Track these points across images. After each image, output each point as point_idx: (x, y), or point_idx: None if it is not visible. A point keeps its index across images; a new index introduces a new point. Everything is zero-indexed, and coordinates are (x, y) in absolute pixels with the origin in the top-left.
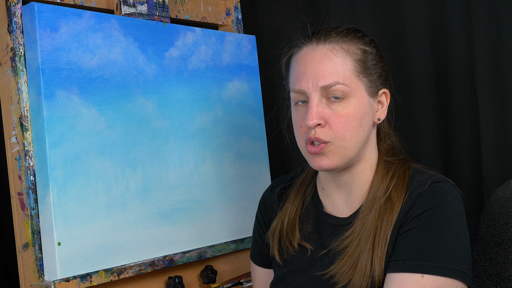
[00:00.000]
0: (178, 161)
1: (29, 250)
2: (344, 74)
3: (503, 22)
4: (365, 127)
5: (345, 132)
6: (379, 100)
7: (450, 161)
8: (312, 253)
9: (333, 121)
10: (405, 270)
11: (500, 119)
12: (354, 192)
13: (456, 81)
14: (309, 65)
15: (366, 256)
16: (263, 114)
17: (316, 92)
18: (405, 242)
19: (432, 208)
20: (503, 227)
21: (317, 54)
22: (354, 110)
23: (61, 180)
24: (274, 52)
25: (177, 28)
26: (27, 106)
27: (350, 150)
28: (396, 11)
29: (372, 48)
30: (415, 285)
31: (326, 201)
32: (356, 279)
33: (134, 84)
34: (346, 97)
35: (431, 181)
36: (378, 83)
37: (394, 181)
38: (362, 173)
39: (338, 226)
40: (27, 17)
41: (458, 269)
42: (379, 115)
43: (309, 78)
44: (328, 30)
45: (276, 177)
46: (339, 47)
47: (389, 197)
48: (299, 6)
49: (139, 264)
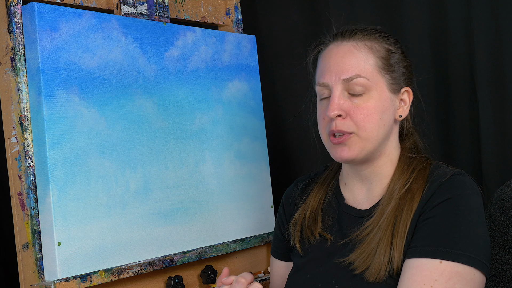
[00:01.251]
0: (178, 161)
1: (29, 250)
2: (366, 69)
3: (503, 22)
4: (386, 122)
5: (366, 124)
6: (401, 98)
7: (450, 161)
8: (332, 243)
9: (354, 113)
10: (424, 256)
11: (500, 119)
12: (375, 186)
13: (456, 81)
14: (333, 59)
15: (385, 244)
16: (263, 114)
17: (338, 85)
18: (424, 230)
19: (452, 198)
20: (503, 228)
21: (341, 49)
22: (375, 104)
23: (61, 180)
24: (274, 52)
25: (177, 28)
26: (27, 106)
27: (370, 142)
28: (396, 11)
29: (397, 49)
30: (434, 271)
31: (348, 194)
32: (375, 266)
33: (134, 84)
34: (367, 91)
35: (451, 173)
36: (401, 81)
37: (414, 174)
38: (383, 167)
39: (358, 218)
40: (27, 17)
41: (476, 258)
42: (400, 112)
43: (332, 72)
44: (353, 29)
45: (276, 177)
46: (362, 44)
47: (409, 189)
48: (299, 6)
49: (139, 264)
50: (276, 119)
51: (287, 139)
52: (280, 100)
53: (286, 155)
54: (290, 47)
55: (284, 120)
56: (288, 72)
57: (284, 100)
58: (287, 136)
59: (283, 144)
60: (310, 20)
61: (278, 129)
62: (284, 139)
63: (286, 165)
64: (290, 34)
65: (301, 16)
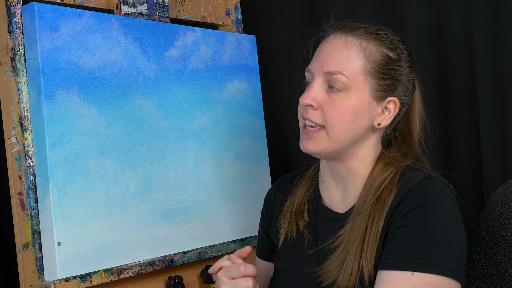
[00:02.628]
0: (178, 161)
1: (29, 250)
2: (350, 68)
3: (503, 22)
4: (358, 126)
5: (335, 122)
6: (386, 106)
7: (450, 161)
8: (307, 246)
9: (327, 108)
10: (395, 268)
11: (500, 119)
12: (349, 187)
13: (456, 81)
14: (324, 50)
15: (354, 257)
16: (263, 114)
17: (320, 76)
18: (395, 240)
19: (422, 205)
20: (503, 227)
21: (335, 42)
22: (350, 105)
23: (61, 180)
24: (274, 52)
25: (177, 28)
26: (27, 106)
27: (337, 142)
28: (396, 11)
29: (400, 58)
30: (406, 283)
31: (325, 194)
32: (342, 279)
33: (134, 84)
34: (345, 90)
35: (421, 177)
36: (391, 89)
37: (387, 181)
38: (355, 169)
39: (333, 221)
40: (27, 17)
41: (449, 267)
42: (380, 120)
43: (319, 61)
44: (358, 25)
45: (276, 177)
46: (357, 42)
47: (379, 196)
48: (299, 6)
49: (139, 264)
50: (276, 119)
51: (287, 139)
52: (280, 100)
53: (286, 155)
54: (290, 47)
55: (284, 120)
56: (288, 72)
57: (284, 100)
58: (287, 136)
59: (283, 144)
60: (310, 20)
61: (278, 129)
62: (284, 139)
63: (286, 165)
64: (290, 34)
65: (301, 16)
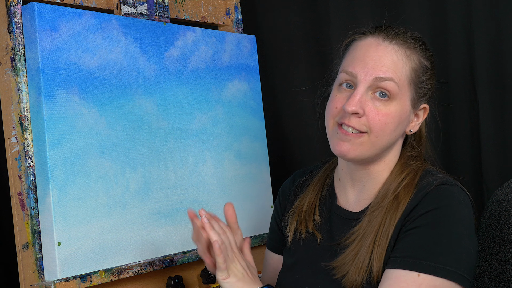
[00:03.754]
0: (178, 161)
1: (29, 250)
2: (400, 76)
3: (503, 22)
4: (398, 133)
5: (380, 130)
6: (417, 113)
7: (450, 161)
8: (322, 243)
9: (373, 116)
10: (402, 267)
11: (500, 119)
12: (368, 189)
13: (456, 81)
14: (371, 54)
15: (366, 251)
16: (263, 114)
17: (366, 82)
18: (406, 240)
19: (436, 209)
20: (503, 227)
21: (381, 48)
22: (395, 113)
23: (61, 180)
24: (274, 52)
25: (177, 28)
26: (27, 106)
27: (375, 148)
28: (396, 11)
29: (430, 64)
30: (411, 283)
31: (340, 193)
32: (352, 273)
33: (134, 84)
34: (392, 98)
35: (438, 182)
36: (423, 97)
37: (405, 182)
38: (379, 173)
39: (348, 220)
40: (27, 17)
41: (456, 272)
42: (412, 126)
43: (366, 65)
44: (398, 31)
45: (276, 177)
46: (403, 50)
47: (396, 196)
48: (299, 6)
49: (139, 264)
50: (276, 119)
51: (287, 139)
52: (280, 100)
53: (286, 155)
54: (290, 47)
55: (284, 120)
56: (288, 72)
57: (284, 100)
58: (287, 136)
59: (283, 144)
60: (310, 20)
61: (278, 129)
62: (284, 139)
63: (286, 165)
64: (290, 34)
65: (301, 16)
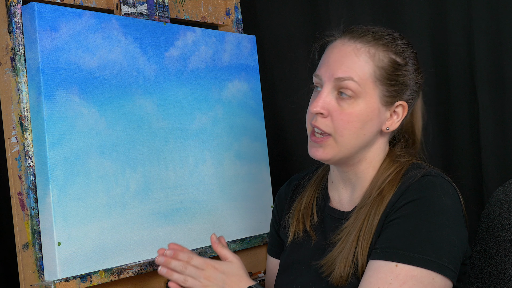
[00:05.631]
0: (178, 161)
1: (29, 250)
2: (360, 74)
3: (503, 22)
4: (367, 132)
5: (344, 130)
6: (394, 110)
7: (450, 161)
8: (314, 244)
9: (336, 116)
10: (381, 258)
11: (500, 119)
12: (358, 188)
13: (456, 81)
14: (333, 56)
15: (350, 246)
16: (263, 114)
17: (330, 82)
18: (386, 231)
19: (417, 199)
20: (503, 227)
21: (344, 49)
22: (359, 112)
23: (61, 180)
24: (274, 52)
25: (177, 28)
26: (27, 106)
27: (346, 148)
28: (396, 11)
29: (407, 62)
30: (389, 273)
31: (334, 194)
32: (338, 269)
33: (134, 84)
34: (355, 97)
35: (422, 174)
36: (398, 94)
37: (391, 176)
38: (364, 172)
39: (339, 220)
40: (27, 17)
41: (436, 261)
42: (389, 124)
43: (329, 67)
44: (365, 31)
45: (276, 177)
46: (366, 49)
47: (381, 191)
48: (299, 6)
49: (139, 264)
50: (276, 119)
51: (287, 139)
52: (280, 100)
53: (286, 155)
54: (290, 47)
55: (284, 120)
56: (288, 72)
57: (284, 100)
58: (287, 136)
59: (283, 144)
60: (310, 20)
61: (278, 129)
62: (284, 139)
63: (286, 165)
64: (290, 34)
65: (301, 16)
